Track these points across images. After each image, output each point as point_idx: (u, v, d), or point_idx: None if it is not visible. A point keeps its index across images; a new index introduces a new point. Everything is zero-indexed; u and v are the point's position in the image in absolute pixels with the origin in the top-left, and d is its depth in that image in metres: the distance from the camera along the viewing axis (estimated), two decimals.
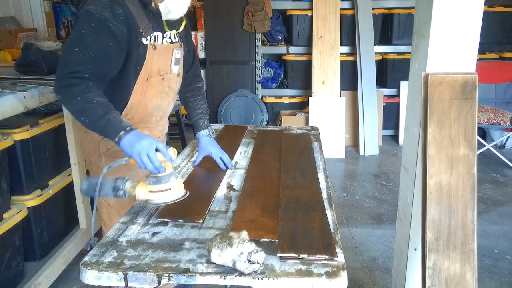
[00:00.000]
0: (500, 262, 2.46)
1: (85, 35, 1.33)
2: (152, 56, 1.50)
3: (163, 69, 1.57)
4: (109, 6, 1.36)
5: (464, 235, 1.31)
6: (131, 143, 1.26)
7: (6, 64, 2.87)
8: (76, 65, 1.32)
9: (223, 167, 1.72)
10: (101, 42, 1.35)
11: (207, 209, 1.36)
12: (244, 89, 4.89)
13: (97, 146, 1.63)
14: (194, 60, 1.85)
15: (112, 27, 1.36)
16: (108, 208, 1.68)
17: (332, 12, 4.45)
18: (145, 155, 1.23)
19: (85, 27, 1.34)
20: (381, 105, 4.60)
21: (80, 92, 1.29)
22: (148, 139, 1.27)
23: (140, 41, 1.46)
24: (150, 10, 1.48)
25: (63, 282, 2.27)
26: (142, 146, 1.24)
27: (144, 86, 1.54)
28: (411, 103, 1.55)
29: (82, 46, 1.33)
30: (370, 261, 2.49)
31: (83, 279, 1.03)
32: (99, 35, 1.34)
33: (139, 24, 1.44)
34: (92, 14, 1.33)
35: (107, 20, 1.35)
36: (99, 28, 1.34)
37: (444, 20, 1.35)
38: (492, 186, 3.56)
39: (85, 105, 1.29)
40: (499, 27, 4.59)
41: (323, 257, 1.05)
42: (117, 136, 1.28)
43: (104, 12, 1.34)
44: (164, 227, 1.24)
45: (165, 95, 1.64)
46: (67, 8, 4.87)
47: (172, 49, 1.58)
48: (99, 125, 1.30)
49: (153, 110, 1.63)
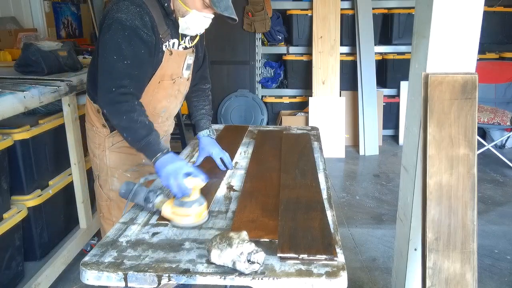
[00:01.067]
0: (500, 262, 2.46)
1: (121, 44, 1.38)
2: (167, 61, 1.54)
3: (175, 74, 1.60)
4: (138, 14, 1.41)
5: (464, 235, 1.31)
6: (162, 166, 1.33)
7: (6, 64, 2.87)
8: (122, 78, 1.39)
9: (223, 168, 1.72)
10: (135, 50, 1.40)
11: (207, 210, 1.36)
12: (244, 89, 4.89)
13: (102, 140, 1.66)
14: (204, 62, 1.86)
15: (143, 35, 1.41)
16: (108, 201, 1.70)
17: (332, 12, 4.45)
18: (172, 178, 1.28)
19: (120, 36, 1.38)
20: (381, 105, 4.60)
21: (126, 110, 1.37)
22: (178, 163, 1.32)
23: (160, 48, 1.50)
24: (171, 19, 1.51)
25: (63, 282, 2.27)
26: (170, 170, 1.30)
27: (155, 89, 1.58)
28: (411, 103, 1.55)
29: (120, 54, 1.38)
30: (370, 261, 2.49)
31: (83, 279, 1.03)
32: (133, 43, 1.40)
33: (160, 30, 1.48)
34: (124, 22, 1.38)
35: (138, 29, 1.40)
36: (132, 37, 1.39)
37: (444, 20, 1.35)
38: (492, 186, 3.56)
39: (129, 124, 1.37)
40: (499, 27, 4.59)
41: (323, 257, 1.05)
42: (154, 157, 1.35)
43: (135, 21, 1.39)
44: (164, 227, 1.24)
45: (174, 98, 1.67)
46: (67, 8, 4.87)
47: (186, 54, 1.61)
48: (140, 144, 1.38)
49: (161, 111, 1.66)
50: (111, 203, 1.70)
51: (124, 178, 1.64)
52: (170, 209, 1.27)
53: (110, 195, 1.69)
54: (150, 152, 1.37)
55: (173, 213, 1.26)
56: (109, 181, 1.68)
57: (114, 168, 1.67)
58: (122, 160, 1.67)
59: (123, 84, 1.39)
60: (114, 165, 1.67)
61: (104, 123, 1.64)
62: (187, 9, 1.44)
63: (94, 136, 1.68)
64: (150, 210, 1.32)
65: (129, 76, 1.40)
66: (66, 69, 2.45)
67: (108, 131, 1.65)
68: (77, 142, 2.35)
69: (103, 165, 1.68)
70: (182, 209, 1.25)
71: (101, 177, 1.70)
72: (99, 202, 1.74)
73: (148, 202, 1.29)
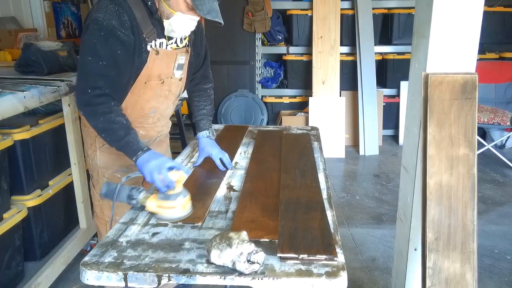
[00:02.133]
0: (500, 262, 2.46)
1: (96, 44, 1.38)
2: (153, 61, 1.51)
3: (164, 74, 1.57)
4: (116, 13, 1.39)
5: (464, 235, 1.31)
6: (144, 163, 1.35)
7: (6, 64, 2.87)
8: (96, 79, 1.39)
9: (222, 169, 1.72)
10: (111, 50, 1.39)
11: (207, 211, 1.36)
12: (244, 89, 4.89)
13: (93, 141, 1.67)
14: (205, 61, 1.84)
15: (120, 35, 1.40)
16: (100, 201, 1.72)
17: (332, 12, 4.45)
18: (156, 173, 1.31)
19: (96, 36, 1.38)
20: (381, 105, 4.60)
21: (102, 112, 1.38)
22: (159, 159, 1.34)
23: (144, 48, 1.48)
24: (156, 18, 1.49)
25: (63, 282, 2.27)
26: (153, 165, 1.32)
27: (141, 89, 1.55)
28: (411, 103, 1.55)
29: (95, 55, 1.38)
30: (370, 261, 2.49)
31: (83, 279, 1.03)
32: (109, 44, 1.39)
33: (143, 29, 1.45)
34: (100, 22, 1.37)
35: (115, 29, 1.38)
36: (108, 37, 1.38)
37: (444, 20, 1.35)
38: (492, 186, 3.56)
39: (107, 125, 1.39)
40: (499, 27, 4.59)
41: (323, 257, 1.05)
42: (135, 156, 1.38)
43: (111, 20, 1.38)
44: (164, 228, 1.24)
45: (164, 99, 1.64)
46: (67, 8, 4.87)
47: (176, 54, 1.58)
48: (120, 145, 1.40)
49: (150, 111, 1.64)
50: (103, 203, 1.71)
51: (115, 179, 1.64)
52: (155, 203, 1.29)
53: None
54: (130, 151, 1.39)
55: (158, 207, 1.29)
56: (100, 181, 1.69)
57: (105, 169, 1.68)
58: (112, 161, 1.68)
59: (98, 85, 1.38)
60: (104, 165, 1.68)
61: None
62: (172, 12, 1.42)
63: (87, 136, 1.70)
64: (134, 206, 1.34)
65: (104, 77, 1.40)
66: (66, 69, 2.45)
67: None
68: (77, 142, 2.35)
69: (94, 165, 1.70)
70: (168, 202, 1.28)
71: (94, 177, 1.73)
72: (93, 201, 1.78)
73: (131, 199, 1.31)
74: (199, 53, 1.76)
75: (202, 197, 1.45)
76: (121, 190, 1.32)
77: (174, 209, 1.28)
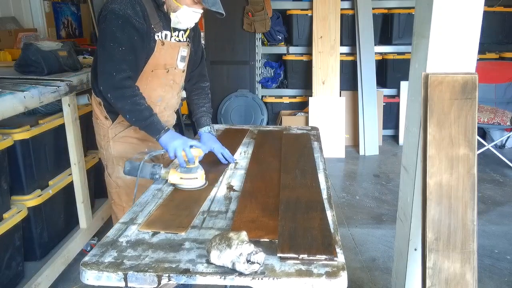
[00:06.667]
0: (500, 262, 2.46)
1: (115, 32, 1.53)
2: (159, 50, 1.66)
3: (169, 64, 1.72)
4: (130, 3, 1.55)
5: (464, 235, 1.31)
6: (169, 140, 1.55)
7: (6, 64, 2.86)
8: (120, 62, 1.54)
9: (225, 162, 1.78)
10: (129, 37, 1.55)
11: (195, 216, 1.36)
12: (244, 89, 4.89)
13: (106, 132, 1.79)
14: (201, 61, 1.97)
15: (135, 23, 1.56)
16: (117, 189, 1.84)
17: (332, 12, 4.45)
18: (180, 150, 1.52)
19: (114, 25, 1.53)
20: (381, 105, 4.60)
21: (130, 95, 1.56)
22: (183, 138, 1.56)
23: (152, 37, 1.63)
24: (162, 11, 1.65)
25: (63, 282, 2.27)
26: (178, 143, 1.53)
27: (148, 77, 1.70)
28: (411, 103, 1.55)
29: (116, 41, 1.54)
30: (370, 261, 2.49)
31: (83, 279, 1.03)
32: (126, 31, 1.54)
33: (152, 21, 1.61)
34: (117, 12, 1.53)
35: (130, 17, 1.54)
36: (125, 25, 1.54)
37: (444, 20, 1.35)
38: (492, 186, 3.56)
39: (134, 107, 1.57)
40: (499, 27, 4.59)
41: (323, 257, 1.05)
42: (158, 135, 1.58)
43: (127, 10, 1.54)
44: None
45: (169, 88, 1.79)
46: (67, 8, 4.88)
47: (179, 47, 1.74)
48: (145, 124, 1.58)
49: (156, 100, 1.76)
50: (120, 190, 1.83)
51: None
52: (177, 176, 1.50)
53: (118, 183, 1.82)
54: (154, 130, 1.57)
55: (181, 179, 1.49)
56: (116, 169, 1.80)
57: (119, 157, 1.79)
58: (126, 149, 1.80)
59: (122, 68, 1.54)
60: (118, 154, 1.79)
61: (106, 115, 1.76)
62: (178, 5, 1.60)
63: (99, 128, 1.81)
64: (156, 181, 1.52)
65: (126, 61, 1.55)
66: (66, 69, 2.45)
67: (110, 123, 1.77)
68: (77, 142, 2.35)
69: (108, 155, 1.80)
70: (190, 174, 1.50)
71: (109, 167, 1.84)
72: (109, 190, 1.87)
73: (154, 174, 1.48)
74: (196, 50, 1.89)
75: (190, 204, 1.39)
76: (144, 167, 1.46)
77: (195, 180, 1.50)
